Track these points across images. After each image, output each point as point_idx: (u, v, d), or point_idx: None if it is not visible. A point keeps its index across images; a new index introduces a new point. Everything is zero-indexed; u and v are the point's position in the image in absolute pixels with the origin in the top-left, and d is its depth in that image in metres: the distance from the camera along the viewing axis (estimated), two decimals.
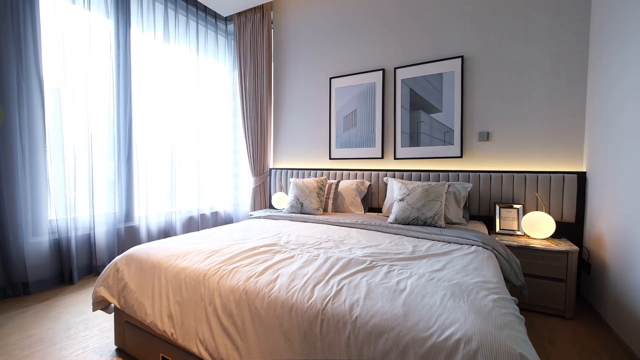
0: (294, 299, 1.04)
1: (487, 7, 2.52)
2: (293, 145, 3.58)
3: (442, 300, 0.93)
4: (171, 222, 3.25)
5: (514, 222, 2.31)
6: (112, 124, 2.74)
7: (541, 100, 2.37)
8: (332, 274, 1.16)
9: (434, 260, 1.36)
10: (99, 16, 2.66)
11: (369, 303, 0.95)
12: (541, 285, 1.98)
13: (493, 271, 1.25)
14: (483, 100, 2.57)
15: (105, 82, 2.69)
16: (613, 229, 1.82)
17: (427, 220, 2.06)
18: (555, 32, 2.30)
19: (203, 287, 1.23)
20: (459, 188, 2.42)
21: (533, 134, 2.41)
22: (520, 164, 2.46)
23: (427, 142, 2.78)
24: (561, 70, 2.30)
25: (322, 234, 1.87)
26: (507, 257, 1.63)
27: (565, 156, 2.32)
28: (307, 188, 2.63)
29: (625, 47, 1.72)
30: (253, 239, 1.70)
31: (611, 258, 1.83)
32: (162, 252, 1.47)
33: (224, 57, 3.87)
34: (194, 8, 3.45)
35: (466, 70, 2.62)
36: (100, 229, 2.65)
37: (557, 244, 2.04)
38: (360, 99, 3.10)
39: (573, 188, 2.24)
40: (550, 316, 1.97)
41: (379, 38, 2.99)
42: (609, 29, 1.93)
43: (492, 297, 0.96)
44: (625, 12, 1.74)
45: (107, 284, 1.50)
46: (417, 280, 1.07)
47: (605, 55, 1.97)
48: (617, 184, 1.79)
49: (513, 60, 2.45)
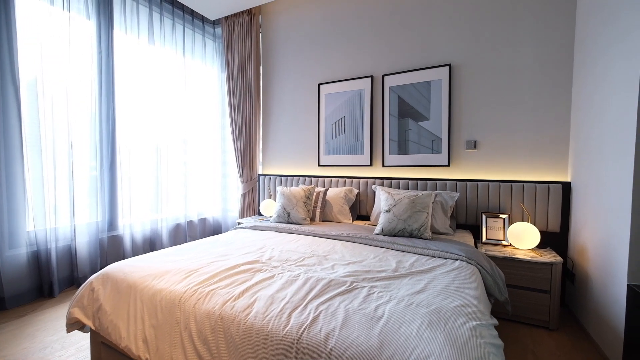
0: (269, 326, 1.01)
1: (474, 17, 2.52)
2: (282, 151, 3.54)
3: (419, 330, 0.91)
4: (157, 230, 3.19)
5: (500, 232, 2.31)
6: (94, 128, 2.67)
7: (527, 109, 2.37)
8: (310, 298, 1.13)
9: (416, 279, 1.35)
10: (79, 18, 2.59)
11: (344, 333, 0.93)
12: (526, 297, 1.98)
13: (475, 291, 1.24)
14: (470, 109, 2.57)
15: (87, 85, 2.62)
16: (595, 240, 1.83)
17: (413, 232, 2.05)
18: (540, 42, 2.31)
19: (179, 311, 1.19)
20: (446, 197, 2.42)
21: (519, 143, 2.41)
22: (506, 173, 2.46)
23: (415, 150, 2.77)
24: (546, 80, 2.31)
25: (306, 247, 1.84)
26: (491, 272, 1.62)
27: (551, 165, 2.33)
28: (295, 197, 2.60)
29: (606, 63, 1.73)
30: (235, 255, 1.66)
31: (594, 270, 1.84)
32: (139, 272, 1.43)
33: (211, 60, 3.81)
34: (180, 11, 3.38)
35: (454, 78, 2.61)
36: (82, 240, 2.58)
37: (541, 254, 2.05)
38: (349, 106, 3.07)
39: (558, 198, 2.25)
40: (535, 327, 1.97)
41: (367, 45, 2.97)
42: (591, 43, 1.94)
43: (470, 325, 0.94)
44: (606, 31, 1.75)
45: (82, 305, 1.45)
46: (395, 306, 1.05)
47: (588, 67, 1.98)
48: (599, 196, 1.80)
49: (499, 69, 2.45)
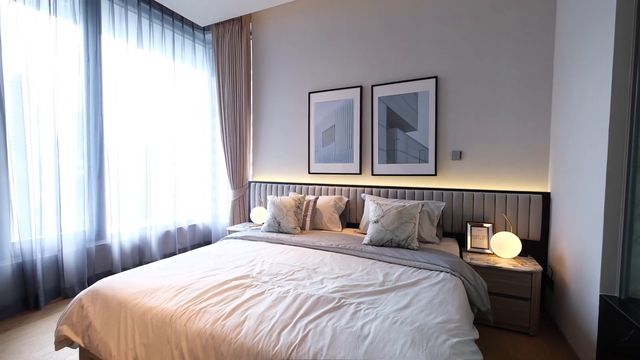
0: (259, 345, 1.04)
1: (459, 32, 2.60)
2: (272, 158, 3.56)
3: (402, 349, 0.96)
4: (146, 238, 3.17)
5: (484, 241, 2.39)
6: (81, 134, 2.64)
7: (510, 122, 2.47)
8: (299, 316, 1.17)
9: (402, 293, 1.40)
10: (66, 23, 2.57)
11: (332, 352, 0.97)
12: (508, 304, 2.07)
13: (457, 305, 1.30)
14: (456, 120, 2.65)
15: (74, 90, 2.60)
16: (572, 250, 1.92)
17: (401, 243, 2.11)
18: (522, 58, 2.40)
19: (170, 329, 1.21)
20: (432, 207, 2.49)
21: (502, 154, 2.50)
22: (490, 183, 2.55)
23: (403, 159, 2.84)
24: (528, 93, 2.40)
25: (296, 260, 1.88)
26: (474, 284, 1.69)
27: (532, 176, 2.43)
28: (285, 207, 2.63)
29: (581, 81, 1.82)
30: (225, 269, 1.68)
31: (570, 278, 1.93)
32: (129, 288, 1.44)
33: (202, 65, 3.80)
34: (169, 17, 3.37)
35: (440, 90, 2.69)
36: (68, 250, 2.55)
37: (522, 263, 2.14)
38: (338, 115, 3.12)
39: (539, 208, 2.35)
40: (516, 333, 2.06)
41: (357, 55, 3.02)
42: (569, 61, 2.04)
43: (451, 342, 0.99)
44: (582, 52, 1.84)
45: (71, 322, 1.45)
46: (381, 324, 1.10)
47: (565, 84, 2.07)
48: (574, 208, 1.89)
49: (484, 83, 2.53)
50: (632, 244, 1.48)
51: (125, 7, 2.95)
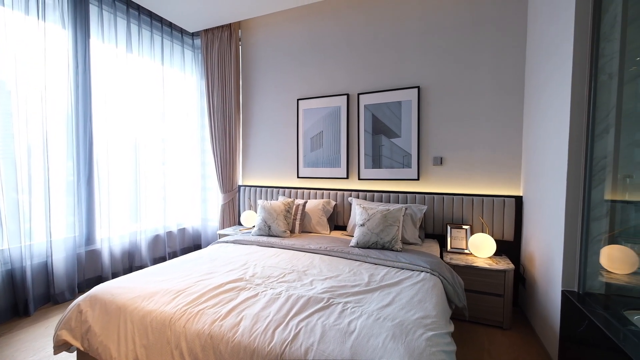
0: (255, 343, 1.14)
1: (441, 45, 2.76)
2: (262, 163, 3.65)
3: (384, 342, 1.08)
4: (136, 243, 3.19)
5: (463, 242, 2.56)
6: (71, 139, 2.66)
7: (487, 129, 2.64)
8: (292, 315, 1.27)
9: (385, 292, 1.52)
10: (55, 27, 2.59)
11: (322, 347, 1.08)
12: (484, 300, 2.23)
13: (435, 302, 1.43)
14: (437, 128, 2.81)
15: (63, 95, 2.62)
16: (540, 250, 2.10)
17: (385, 245, 2.24)
18: (497, 70, 2.58)
19: (169, 331, 1.29)
20: (415, 210, 2.64)
21: (480, 160, 2.68)
22: (469, 187, 2.72)
23: (388, 164, 2.98)
24: (502, 103, 2.58)
25: (287, 263, 1.98)
26: (452, 282, 1.83)
27: (506, 181, 2.61)
28: (275, 211, 2.72)
29: (546, 91, 2.00)
30: (219, 273, 1.76)
31: (538, 275, 2.11)
32: (128, 293, 1.50)
33: (190, 69, 3.85)
34: (158, 23, 3.40)
35: (422, 99, 2.84)
36: (58, 256, 2.56)
37: (497, 262, 2.31)
38: (326, 121, 3.24)
39: (512, 211, 2.53)
40: (491, 327, 2.22)
41: (344, 64, 3.15)
42: (537, 73, 2.22)
43: (427, 336, 1.12)
44: (546, 66, 2.02)
45: (70, 327, 1.50)
46: (365, 320, 1.21)
47: (533, 94, 2.26)
48: (541, 211, 2.07)
49: (462, 93, 2.70)
50: (589, 243, 1.65)
51: (114, 13, 2.98)
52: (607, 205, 1.64)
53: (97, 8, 2.86)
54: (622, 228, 1.69)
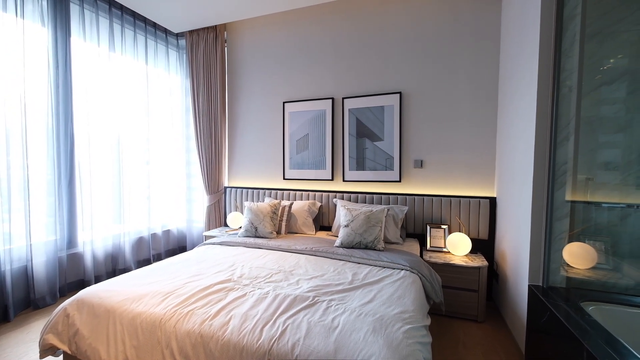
0: (244, 340, 1.20)
1: (422, 52, 2.89)
2: (248, 164, 3.68)
3: (365, 335, 1.16)
4: (119, 245, 3.16)
5: (442, 241, 2.70)
6: (51, 139, 2.61)
7: (464, 134, 2.79)
8: (279, 314, 1.34)
9: (367, 290, 1.62)
10: (34, 25, 2.53)
11: (308, 342, 1.15)
12: (460, 295, 2.37)
13: (413, 298, 1.53)
14: (418, 132, 2.94)
15: (42, 93, 2.57)
16: (510, 247, 2.26)
17: (368, 245, 2.34)
18: (473, 78, 2.73)
19: (160, 331, 1.33)
20: (397, 211, 2.75)
21: (458, 162, 2.82)
22: (447, 188, 2.86)
23: (371, 166, 3.08)
24: (479, 108, 2.74)
25: (274, 263, 2.04)
26: (430, 279, 1.95)
27: (482, 183, 2.77)
28: (262, 213, 2.77)
29: (511, 102, 2.16)
30: (207, 274, 1.81)
31: (509, 271, 2.27)
32: (116, 296, 1.53)
33: (175, 69, 3.82)
34: (142, 23, 3.36)
35: (404, 104, 2.97)
36: (39, 260, 2.51)
37: (472, 259, 2.45)
38: (312, 124, 3.31)
39: (487, 211, 2.69)
40: (466, 320, 2.37)
41: (330, 69, 3.23)
42: (508, 85, 2.38)
43: (404, 329, 1.22)
44: (516, 76, 2.18)
45: (57, 331, 1.51)
46: (348, 317, 1.30)
47: (506, 100, 2.42)
48: (512, 211, 2.22)
49: (441, 99, 2.84)
50: (552, 241, 1.80)
51: (96, 12, 2.93)
52: (568, 205, 1.80)
53: (77, 7, 2.81)
54: (582, 227, 1.86)
